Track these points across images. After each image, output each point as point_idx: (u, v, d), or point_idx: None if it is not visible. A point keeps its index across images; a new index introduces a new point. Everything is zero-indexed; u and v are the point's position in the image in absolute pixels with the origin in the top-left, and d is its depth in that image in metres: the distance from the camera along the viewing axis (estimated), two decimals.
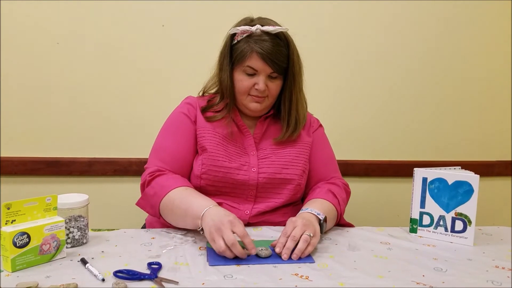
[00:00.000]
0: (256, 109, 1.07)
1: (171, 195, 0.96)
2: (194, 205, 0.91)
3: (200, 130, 1.08)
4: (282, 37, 1.03)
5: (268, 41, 1.00)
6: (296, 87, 1.08)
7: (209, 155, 1.04)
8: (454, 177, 0.98)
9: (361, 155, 1.69)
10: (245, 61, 1.02)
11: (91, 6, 1.47)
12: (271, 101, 1.08)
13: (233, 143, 1.08)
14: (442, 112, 1.72)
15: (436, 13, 1.64)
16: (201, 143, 1.07)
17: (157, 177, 1.00)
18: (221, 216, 0.85)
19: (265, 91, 1.04)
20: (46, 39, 1.47)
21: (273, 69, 1.02)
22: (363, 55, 1.64)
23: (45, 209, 0.82)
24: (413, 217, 1.04)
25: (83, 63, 1.50)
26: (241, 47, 1.02)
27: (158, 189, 0.98)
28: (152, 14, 1.51)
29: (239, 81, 1.05)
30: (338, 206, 1.05)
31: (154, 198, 0.99)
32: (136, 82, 1.54)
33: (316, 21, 1.60)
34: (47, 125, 1.51)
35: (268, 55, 0.99)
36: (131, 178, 1.57)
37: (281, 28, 1.02)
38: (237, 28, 1.03)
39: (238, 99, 1.09)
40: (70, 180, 1.55)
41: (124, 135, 1.55)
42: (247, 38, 1.02)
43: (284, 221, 1.05)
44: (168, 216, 0.98)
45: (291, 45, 1.05)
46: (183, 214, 0.93)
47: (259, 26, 1.01)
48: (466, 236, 0.98)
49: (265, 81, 1.03)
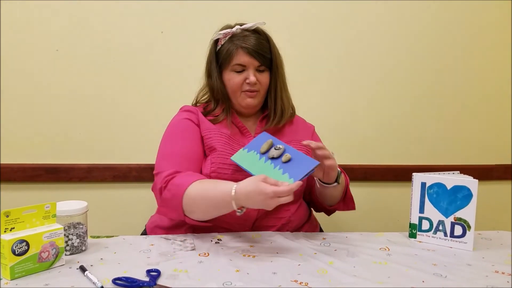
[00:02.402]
0: (251, 104, 1.11)
1: (191, 192, 0.94)
2: (219, 193, 0.91)
3: (205, 131, 1.09)
4: (261, 32, 1.10)
5: (250, 36, 1.07)
6: (280, 78, 1.14)
7: (219, 153, 1.06)
8: (453, 182, 0.99)
9: (360, 160, 1.69)
10: (232, 60, 1.07)
11: (90, 13, 1.48)
12: (263, 94, 1.13)
13: (237, 142, 1.10)
14: (441, 116, 1.72)
15: (435, 14, 1.66)
16: (208, 143, 1.08)
17: (171, 180, 0.98)
18: (252, 186, 0.85)
19: (256, 84, 1.08)
20: (46, 46, 1.48)
21: (260, 62, 1.07)
22: (361, 60, 1.65)
23: (44, 217, 0.82)
24: (412, 222, 1.04)
25: (82, 70, 1.51)
26: (226, 47, 1.08)
27: (175, 190, 0.96)
28: (151, 21, 1.52)
29: (230, 80, 1.09)
30: (344, 175, 1.12)
31: (174, 200, 0.96)
32: (135, 88, 1.54)
33: (318, 26, 1.61)
34: (46, 131, 1.51)
35: (253, 48, 1.05)
36: (130, 184, 1.57)
37: (259, 23, 1.09)
38: (219, 32, 1.10)
39: (233, 99, 1.12)
40: (69, 187, 1.55)
41: (123, 141, 1.56)
42: (230, 39, 1.08)
43: (285, 224, 1.07)
44: (195, 213, 0.96)
45: (270, 38, 1.12)
46: (212, 205, 0.93)
47: (239, 26, 1.09)
48: (465, 241, 0.98)
49: (254, 74, 1.07)
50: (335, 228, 1.68)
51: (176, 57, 1.54)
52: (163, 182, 0.98)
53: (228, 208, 0.91)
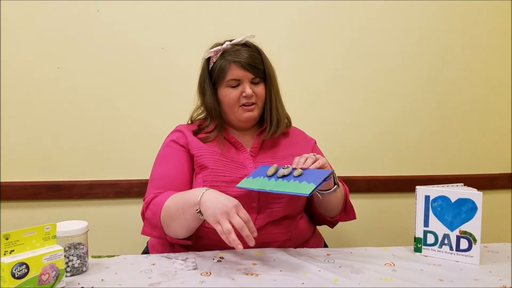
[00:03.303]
0: (250, 117, 1.11)
1: (166, 205, 0.97)
2: (187, 197, 0.94)
3: (195, 150, 1.09)
4: (251, 45, 1.11)
5: (241, 50, 1.08)
6: (274, 88, 1.14)
7: (211, 171, 1.06)
8: (457, 194, 0.97)
9: (362, 171, 1.68)
10: (226, 75, 1.08)
11: (90, 30, 1.49)
12: (260, 106, 1.13)
13: (230, 159, 1.10)
14: (443, 126, 1.71)
15: (438, 20, 1.66)
16: (199, 162, 1.08)
17: (152, 199, 1.02)
18: (224, 200, 0.88)
19: (252, 96, 1.08)
20: (47, 64, 1.49)
21: (254, 74, 1.08)
22: (361, 70, 1.65)
23: (44, 238, 0.82)
24: (417, 236, 1.02)
25: (84, 87, 1.51)
26: (218, 64, 1.09)
27: (155, 209, 1.00)
28: (151, 37, 1.52)
29: (226, 96, 1.10)
30: (343, 184, 1.15)
31: (154, 218, 1.00)
32: (136, 104, 1.54)
33: (316, 36, 1.61)
34: (47, 149, 1.51)
35: (245, 61, 1.06)
36: (132, 200, 1.56)
37: (247, 36, 1.10)
38: (210, 50, 1.11)
39: (230, 114, 1.12)
40: (71, 204, 1.55)
41: (124, 157, 1.55)
42: (222, 55, 1.09)
43: (287, 239, 1.05)
44: (170, 226, 0.97)
45: (260, 50, 1.13)
46: (181, 213, 0.94)
47: (228, 42, 1.09)
48: (471, 255, 0.96)
49: (250, 87, 1.08)
50: (339, 241, 1.68)
51: (177, 73, 1.55)
52: (144, 204, 1.03)
53: (192, 212, 0.92)
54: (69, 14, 1.48)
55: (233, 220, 0.85)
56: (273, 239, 1.05)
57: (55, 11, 1.47)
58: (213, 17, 1.55)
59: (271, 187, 0.95)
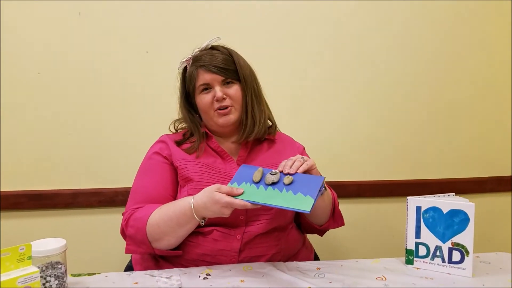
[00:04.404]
0: (227, 122, 1.07)
1: (153, 220, 0.96)
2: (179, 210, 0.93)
3: (180, 162, 1.06)
4: (220, 48, 1.09)
5: (208, 54, 1.07)
6: (249, 88, 1.09)
7: (196, 184, 1.02)
8: (449, 205, 0.95)
9: (352, 176, 1.66)
10: (196, 82, 1.07)
11: (73, 33, 1.44)
12: (238, 108, 1.08)
13: (217, 169, 1.06)
14: (433, 131, 1.70)
15: (429, 22, 1.64)
16: (184, 174, 1.04)
17: (131, 216, 0.99)
18: (207, 197, 0.89)
19: (226, 99, 1.05)
20: (27, 69, 1.43)
21: (222, 75, 1.05)
22: (351, 75, 1.62)
23: (18, 260, 0.77)
24: (408, 248, 1.00)
25: (65, 93, 1.46)
26: (189, 72, 1.08)
27: (137, 225, 0.97)
28: (136, 41, 1.48)
29: (200, 101, 1.08)
30: (331, 190, 1.10)
31: (138, 235, 0.97)
32: (120, 110, 1.50)
33: (308, 41, 1.58)
34: (29, 157, 1.46)
35: (210, 64, 1.04)
36: (117, 208, 1.52)
37: (213, 39, 1.09)
38: (182, 61, 1.10)
39: (209, 121, 1.09)
40: (54, 213, 1.50)
41: (108, 165, 1.50)
42: (192, 63, 1.08)
43: (277, 252, 1.02)
44: (163, 239, 0.96)
45: (232, 51, 1.09)
46: (176, 224, 0.94)
47: (196, 49, 1.09)
48: (464, 267, 0.94)
49: (221, 90, 1.05)
50: (330, 246, 1.66)
51: (162, 77, 1.50)
52: (123, 221, 1.00)
53: (192, 222, 0.94)
54: (50, 17, 1.42)
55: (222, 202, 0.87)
56: (262, 253, 1.02)
57: (34, 14, 1.41)
58: (198, 20, 1.50)
59: (263, 199, 0.88)
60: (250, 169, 0.97)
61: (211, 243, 0.99)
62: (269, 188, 0.91)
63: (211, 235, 0.99)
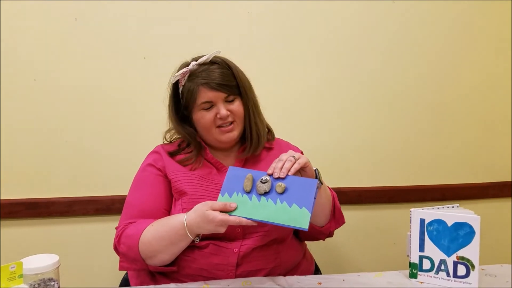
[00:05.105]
0: (230, 139, 1.05)
1: (145, 238, 0.93)
2: (172, 229, 0.91)
3: (173, 174, 1.03)
4: (218, 61, 1.04)
5: (208, 70, 1.01)
6: (251, 101, 1.07)
7: (190, 197, 0.99)
8: (454, 218, 0.93)
9: (354, 182, 1.63)
10: (197, 99, 1.01)
11: (69, 39, 1.41)
12: (240, 124, 1.06)
13: (211, 181, 1.03)
14: (436, 135, 1.67)
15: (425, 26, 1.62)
16: (177, 187, 1.02)
17: (123, 233, 0.97)
18: (200, 217, 0.87)
19: (228, 116, 1.01)
20: (23, 76, 1.40)
21: (226, 92, 1.01)
22: (351, 81, 1.60)
23: (9, 278, 0.75)
24: (412, 261, 0.97)
25: (61, 100, 1.43)
26: (187, 88, 1.02)
27: (129, 242, 0.95)
28: (133, 47, 1.45)
29: (201, 118, 1.03)
30: (330, 189, 1.06)
31: (131, 252, 0.95)
32: (117, 117, 1.47)
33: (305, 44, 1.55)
34: (24, 165, 1.43)
35: (215, 82, 0.99)
36: (114, 216, 1.49)
37: (213, 52, 1.03)
38: (177, 74, 1.04)
39: (208, 136, 1.06)
40: (50, 222, 1.47)
41: (105, 173, 1.48)
42: (190, 77, 1.02)
43: (276, 266, 0.99)
44: (156, 257, 0.94)
45: (230, 64, 1.05)
46: (169, 243, 0.92)
47: (194, 62, 1.03)
48: (469, 282, 0.92)
49: (225, 107, 1.01)
50: (331, 255, 1.63)
51: (159, 84, 1.47)
52: (116, 238, 0.98)
53: (186, 240, 0.92)
54: (46, 23, 1.40)
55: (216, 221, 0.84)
56: (261, 267, 0.99)
57: (30, 20, 1.39)
58: (195, 26, 1.47)
59: (258, 214, 0.85)
60: (239, 174, 0.92)
61: (207, 257, 0.96)
62: (262, 199, 0.88)
63: (207, 249, 0.97)
